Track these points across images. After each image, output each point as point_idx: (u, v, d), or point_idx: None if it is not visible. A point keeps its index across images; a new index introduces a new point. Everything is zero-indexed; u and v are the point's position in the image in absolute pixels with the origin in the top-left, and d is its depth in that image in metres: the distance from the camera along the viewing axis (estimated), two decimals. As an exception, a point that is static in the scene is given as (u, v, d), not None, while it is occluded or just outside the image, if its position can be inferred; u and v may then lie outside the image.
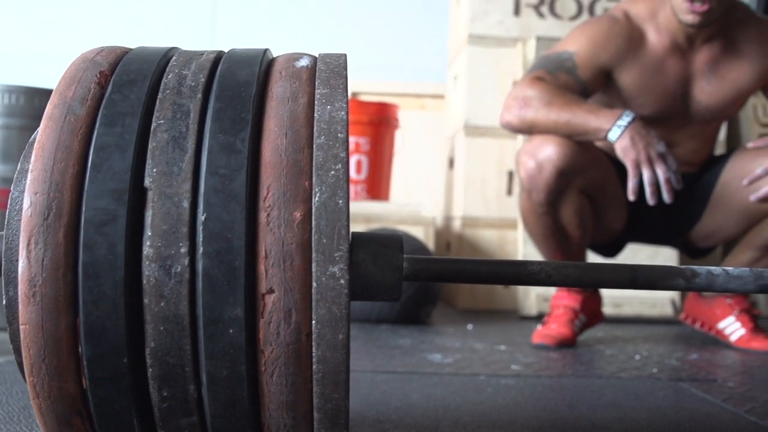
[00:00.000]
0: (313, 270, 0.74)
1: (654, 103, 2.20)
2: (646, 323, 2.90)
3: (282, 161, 0.77)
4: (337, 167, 0.76)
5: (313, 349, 0.75)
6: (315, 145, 0.78)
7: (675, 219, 2.32)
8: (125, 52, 0.89)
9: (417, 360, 1.93)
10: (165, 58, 0.88)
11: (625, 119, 1.99)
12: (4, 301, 0.82)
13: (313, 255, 0.74)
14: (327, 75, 0.84)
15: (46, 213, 0.75)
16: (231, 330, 0.75)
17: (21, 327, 0.76)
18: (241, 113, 0.79)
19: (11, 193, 0.84)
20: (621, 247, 2.45)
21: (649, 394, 1.64)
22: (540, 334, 2.26)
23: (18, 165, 0.86)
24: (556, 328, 2.27)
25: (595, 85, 2.16)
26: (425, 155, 4.08)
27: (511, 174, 3.22)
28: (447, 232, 3.50)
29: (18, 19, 4.27)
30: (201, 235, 0.75)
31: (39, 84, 2.57)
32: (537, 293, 2.95)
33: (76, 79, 0.83)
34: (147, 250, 0.75)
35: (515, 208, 3.13)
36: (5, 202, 2.22)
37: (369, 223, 3.09)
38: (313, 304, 0.74)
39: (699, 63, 2.20)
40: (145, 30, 4.30)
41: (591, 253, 2.47)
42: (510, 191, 3.22)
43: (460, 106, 3.36)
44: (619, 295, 2.94)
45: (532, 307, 2.96)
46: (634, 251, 2.84)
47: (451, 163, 3.51)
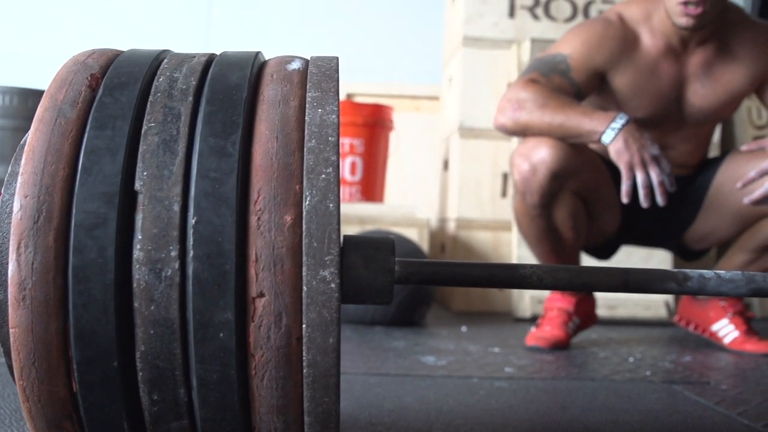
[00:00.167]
0: (304, 274, 0.74)
1: (648, 106, 2.20)
2: (640, 325, 2.90)
3: (273, 165, 0.77)
4: (328, 171, 0.76)
5: (304, 353, 0.75)
6: (306, 149, 0.77)
7: (669, 221, 2.33)
8: (116, 54, 0.89)
9: (410, 362, 1.93)
10: (156, 60, 0.88)
11: (619, 122, 1.99)
12: (-6, 305, 0.82)
13: (304, 259, 0.74)
14: (318, 78, 0.84)
15: (36, 216, 0.75)
16: (221, 334, 0.75)
17: (11, 330, 0.76)
18: (232, 116, 0.79)
19: (2, 196, 0.84)
20: (615, 250, 2.46)
21: (642, 396, 1.64)
22: (534, 336, 2.26)
23: (9, 167, 0.86)
24: (549, 330, 2.27)
25: (589, 88, 2.17)
26: (420, 157, 4.08)
27: (506, 176, 3.22)
28: (441, 233, 3.50)
29: (13, 20, 4.27)
30: (191, 239, 0.75)
31: (33, 85, 2.57)
32: (531, 295, 2.95)
33: (67, 82, 0.83)
34: (137, 253, 0.75)
35: (510, 209, 3.13)
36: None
37: (363, 225, 3.09)
38: (304, 307, 0.74)
39: (693, 66, 2.20)
40: (140, 32, 4.29)
41: (585, 256, 2.47)
42: (504, 193, 3.23)
43: (454, 107, 3.36)
44: (613, 297, 2.94)
45: (526, 309, 2.96)
46: (628, 253, 2.84)
47: (446, 165, 3.51)
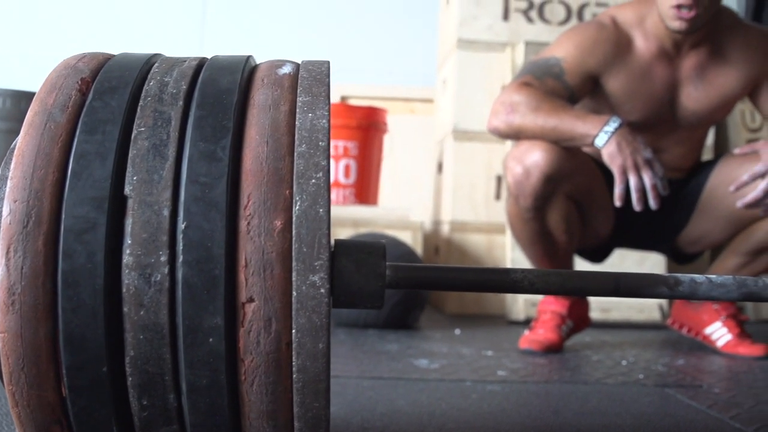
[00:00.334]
0: (293, 279, 0.74)
1: (641, 109, 2.21)
2: (633, 328, 2.90)
3: (263, 169, 0.77)
4: (318, 176, 0.76)
5: (294, 358, 0.75)
6: (296, 154, 0.77)
7: (662, 225, 2.33)
8: (107, 58, 0.89)
9: (403, 365, 1.93)
10: (147, 64, 0.88)
11: (612, 125, 1.99)
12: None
13: (294, 264, 0.74)
14: (309, 83, 0.84)
15: (25, 221, 0.75)
16: (211, 339, 0.74)
17: (0, 335, 0.75)
18: (223, 121, 0.79)
19: (-9, 200, 0.84)
20: (608, 253, 2.46)
21: (635, 400, 1.64)
22: (527, 339, 2.26)
23: (-1, 171, 0.86)
24: (543, 333, 2.27)
25: (583, 91, 2.17)
26: (414, 159, 4.08)
27: (500, 179, 3.22)
28: (435, 236, 3.50)
29: (7, 22, 4.26)
30: (181, 244, 0.74)
31: (27, 87, 2.56)
32: (525, 298, 2.95)
33: (57, 86, 0.83)
34: (127, 258, 0.75)
35: (503, 212, 3.13)
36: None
37: (357, 228, 3.09)
38: (294, 313, 0.74)
39: (686, 69, 2.21)
40: (135, 34, 4.29)
41: (578, 259, 2.47)
42: (498, 196, 3.23)
43: (448, 110, 3.36)
44: (607, 300, 2.94)
45: (520, 312, 2.96)
46: (621, 256, 2.85)
47: (440, 168, 3.51)
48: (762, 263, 2.26)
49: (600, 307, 2.92)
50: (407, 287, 0.96)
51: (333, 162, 3.50)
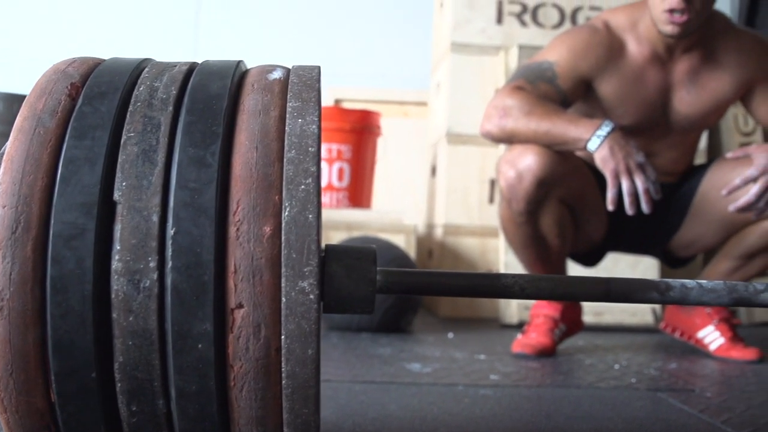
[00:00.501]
0: (283, 285, 0.74)
1: (634, 113, 2.21)
2: (626, 332, 2.90)
3: (252, 175, 0.77)
4: (308, 182, 0.76)
5: (283, 364, 0.75)
6: (285, 159, 0.77)
7: (654, 229, 2.33)
8: (97, 63, 0.89)
9: (396, 369, 1.93)
10: (137, 69, 0.87)
11: (605, 129, 1.99)
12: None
13: (283, 270, 0.74)
14: (299, 88, 0.84)
15: (14, 226, 0.75)
16: (200, 345, 0.74)
17: (-12, 341, 0.75)
18: (212, 126, 0.79)
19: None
20: (601, 257, 2.46)
21: (627, 404, 1.64)
22: (520, 343, 2.26)
23: (-12, 177, 0.85)
24: (535, 337, 2.27)
25: (575, 95, 2.17)
26: (407, 163, 4.08)
27: (493, 182, 3.22)
28: (429, 239, 3.50)
29: (1, 25, 4.26)
30: (170, 250, 0.74)
31: (20, 90, 2.56)
32: (518, 302, 2.95)
33: (46, 91, 0.83)
34: (116, 264, 0.74)
35: (497, 216, 3.14)
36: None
37: (350, 231, 3.09)
38: (283, 319, 0.74)
39: (679, 73, 2.21)
40: (129, 38, 4.28)
41: (571, 263, 2.47)
42: (492, 199, 3.23)
43: (442, 113, 3.37)
44: (600, 304, 2.95)
45: (513, 316, 2.96)
46: (614, 260, 2.85)
47: (434, 171, 3.51)
48: (754, 267, 2.27)
49: (593, 311, 2.92)
50: (398, 292, 0.96)
51: (326, 165, 3.50)
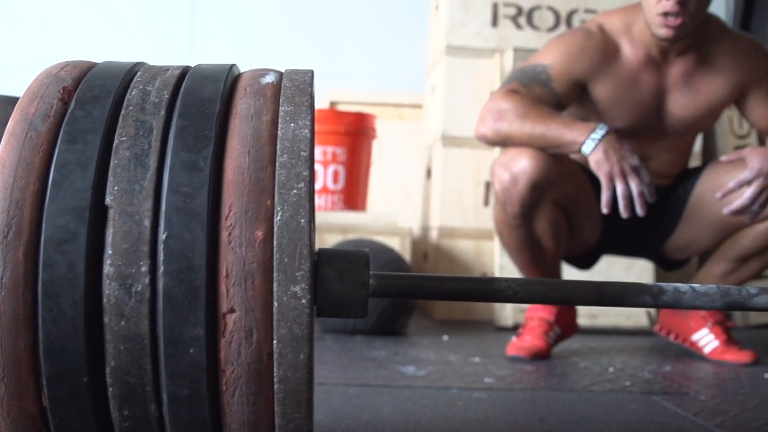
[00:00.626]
0: (275, 289, 0.74)
1: (628, 116, 2.21)
2: (621, 334, 2.90)
3: (244, 179, 0.77)
4: (300, 186, 0.76)
5: (275, 369, 0.75)
6: (278, 164, 0.77)
7: (649, 232, 2.33)
8: (90, 67, 0.89)
9: (390, 372, 1.93)
10: (130, 73, 0.87)
11: (599, 132, 1.99)
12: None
13: (275, 274, 0.74)
14: (292, 92, 0.84)
15: (5, 231, 0.75)
16: (192, 349, 0.74)
17: (-21, 346, 0.75)
18: (204, 131, 0.79)
19: (-28, 210, 0.83)
20: (596, 260, 2.46)
21: (621, 408, 1.64)
22: (514, 346, 2.26)
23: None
24: (530, 340, 2.27)
25: (570, 98, 2.17)
26: (403, 165, 4.08)
27: (489, 185, 3.22)
28: (424, 242, 3.50)
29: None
30: (162, 254, 0.74)
31: (15, 92, 2.55)
32: (513, 305, 2.95)
33: (38, 95, 0.83)
34: (107, 268, 0.74)
35: (492, 218, 3.13)
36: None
37: (345, 234, 3.09)
38: (275, 323, 0.74)
39: (673, 76, 2.21)
40: (123, 41, 4.28)
41: (566, 266, 2.47)
42: (487, 202, 3.23)
43: (437, 116, 3.37)
44: (595, 307, 2.94)
45: (508, 318, 2.96)
46: (609, 263, 2.85)
47: (429, 174, 3.51)
48: (749, 270, 2.27)
49: (588, 314, 2.92)
50: (391, 296, 0.96)
51: (321, 167, 3.50)
